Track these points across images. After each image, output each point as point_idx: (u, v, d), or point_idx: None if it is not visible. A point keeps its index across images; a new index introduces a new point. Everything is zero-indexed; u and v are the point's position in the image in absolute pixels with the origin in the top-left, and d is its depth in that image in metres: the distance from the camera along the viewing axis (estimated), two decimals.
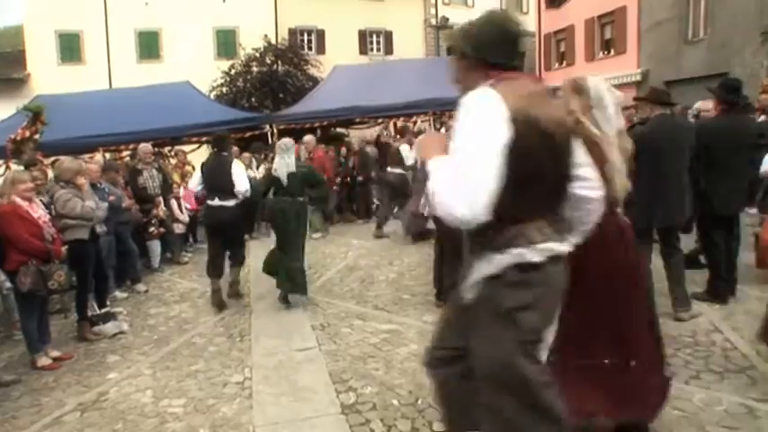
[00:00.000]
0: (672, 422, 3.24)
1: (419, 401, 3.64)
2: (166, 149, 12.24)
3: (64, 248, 4.97)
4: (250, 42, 22.93)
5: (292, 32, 26.14)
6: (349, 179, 11.46)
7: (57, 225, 5.09)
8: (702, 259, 5.66)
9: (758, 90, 10.83)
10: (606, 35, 22.07)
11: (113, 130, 11.05)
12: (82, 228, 5.42)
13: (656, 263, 4.96)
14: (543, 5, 25.73)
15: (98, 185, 6.49)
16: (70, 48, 24.45)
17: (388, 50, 27.74)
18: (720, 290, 5.22)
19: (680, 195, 4.70)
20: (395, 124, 14.65)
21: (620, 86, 18.89)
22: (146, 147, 8.59)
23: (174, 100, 12.76)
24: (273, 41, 23.57)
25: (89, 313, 5.64)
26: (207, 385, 4.18)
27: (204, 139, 11.97)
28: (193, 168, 9.75)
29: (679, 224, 4.94)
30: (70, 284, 4.94)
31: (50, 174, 6.81)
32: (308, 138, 10.45)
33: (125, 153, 11.64)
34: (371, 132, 13.96)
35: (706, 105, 5.73)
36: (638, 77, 19.22)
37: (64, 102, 11.92)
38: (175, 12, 24.53)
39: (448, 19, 28.30)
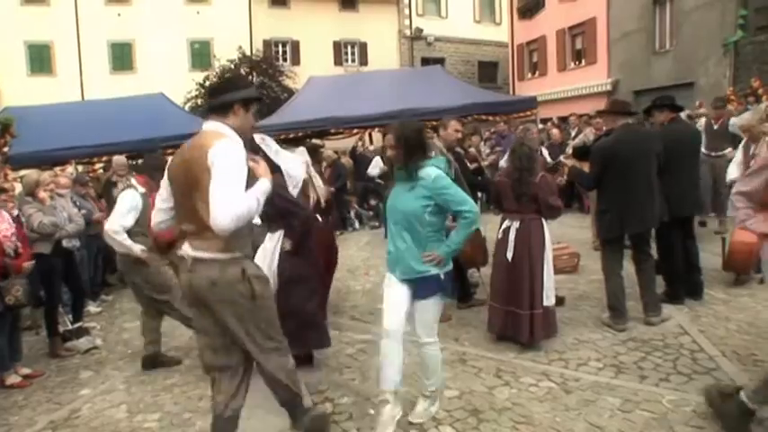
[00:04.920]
0: (642, 424, 3.32)
1: None
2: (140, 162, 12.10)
3: (28, 264, 4.80)
4: (225, 54, 22.88)
5: (267, 44, 26.15)
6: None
7: (25, 238, 4.99)
8: None
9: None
10: (577, 46, 22.51)
11: (86, 142, 10.91)
12: (44, 242, 5.33)
13: (628, 268, 5.09)
14: (516, 17, 26.14)
15: (71, 198, 6.41)
16: (40, 59, 24.09)
17: (363, 61, 27.89)
18: (678, 290, 5.37)
19: (650, 201, 4.83)
20: (370, 135, 14.72)
21: (591, 96, 19.36)
22: (120, 159, 8.50)
23: (149, 112, 12.64)
24: (248, 53, 23.55)
25: (61, 329, 5.55)
26: (183, 399, 4.14)
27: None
28: None
29: (650, 230, 5.08)
30: (29, 300, 4.75)
31: (18, 187, 6.69)
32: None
33: (98, 165, 11.49)
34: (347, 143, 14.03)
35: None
36: (609, 87, 19.62)
37: (34, 113, 11.72)
38: (149, 23, 24.39)
39: (422, 30, 28.60)
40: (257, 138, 4.63)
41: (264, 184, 2.74)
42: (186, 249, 2.78)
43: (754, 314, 4.97)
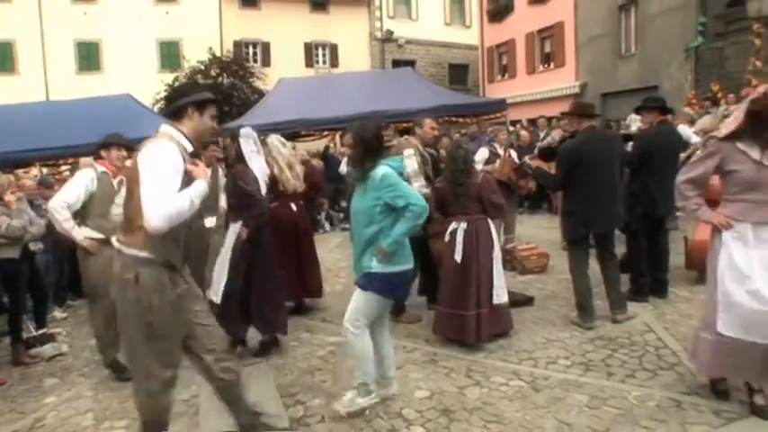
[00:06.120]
0: (609, 420, 3.39)
1: (367, 412, 3.66)
2: None
3: None
4: (194, 55, 22.61)
5: (237, 45, 25.93)
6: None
7: None
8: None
9: (683, 102, 11.50)
10: (546, 49, 22.88)
11: (51, 143, 10.64)
12: (11, 247, 5.19)
13: (594, 267, 5.19)
14: (485, 20, 26.44)
15: (34, 202, 6.25)
16: (2, 57, 23.51)
17: (334, 63, 27.87)
18: (643, 289, 5.51)
19: (613, 202, 4.95)
20: (341, 137, 14.69)
21: (559, 98, 19.68)
22: (87, 161, 8.31)
23: (116, 113, 12.35)
24: (218, 54, 23.32)
25: (25, 335, 5.41)
26: None
27: None
28: None
29: (614, 229, 5.20)
30: None
31: None
32: None
33: (64, 168, 11.23)
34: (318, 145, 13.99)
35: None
36: (577, 89, 19.98)
37: None
38: (116, 22, 23.96)
39: (393, 32, 28.69)
40: (242, 131, 4.78)
41: (201, 186, 2.75)
42: (115, 239, 2.90)
43: None
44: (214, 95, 3.12)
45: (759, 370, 3.25)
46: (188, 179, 2.74)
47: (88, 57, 24.59)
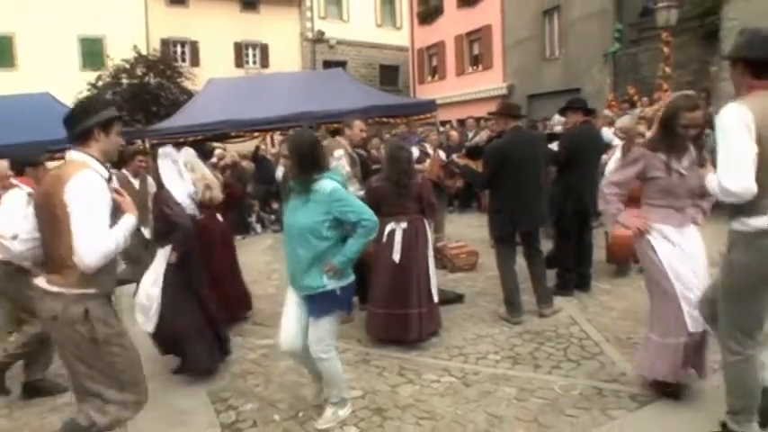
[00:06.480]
0: (536, 410, 3.53)
1: (300, 414, 3.65)
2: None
3: None
4: (119, 53, 21.66)
5: (165, 43, 25.13)
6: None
7: None
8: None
9: (604, 104, 12.06)
10: (474, 51, 23.41)
11: None
12: None
13: (521, 264, 5.37)
14: (416, 22, 26.79)
15: None
16: None
17: (265, 63, 27.50)
18: (568, 283, 5.75)
19: (538, 201, 5.13)
20: (271, 137, 14.53)
21: (488, 99, 20.17)
22: (2, 164, 7.81)
23: (33, 113, 11.69)
24: (144, 52, 22.50)
25: None
26: None
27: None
28: None
29: (538, 227, 5.39)
30: None
31: None
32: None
33: None
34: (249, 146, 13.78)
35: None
36: (505, 91, 20.53)
37: None
38: (32, 15, 22.47)
39: (324, 33, 28.58)
40: (160, 151, 4.61)
41: (130, 221, 2.70)
42: (40, 280, 2.68)
43: (633, 302, 5.39)
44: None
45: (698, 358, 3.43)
46: (115, 210, 2.64)
47: (0, 51, 23.08)
